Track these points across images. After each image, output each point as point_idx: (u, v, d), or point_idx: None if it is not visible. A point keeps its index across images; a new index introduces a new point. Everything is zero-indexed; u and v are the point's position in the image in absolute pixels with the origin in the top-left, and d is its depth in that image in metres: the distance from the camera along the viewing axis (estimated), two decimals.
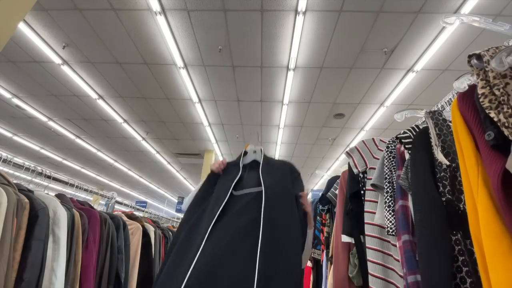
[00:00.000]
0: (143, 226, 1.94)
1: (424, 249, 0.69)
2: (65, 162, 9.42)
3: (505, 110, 0.51)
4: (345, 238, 1.24)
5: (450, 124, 0.82)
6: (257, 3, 3.19)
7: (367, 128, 6.04)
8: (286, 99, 5.08)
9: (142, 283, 1.77)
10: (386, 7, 3.18)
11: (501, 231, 0.49)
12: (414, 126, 0.99)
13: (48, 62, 4.37)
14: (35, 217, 1.08)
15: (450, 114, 0.73)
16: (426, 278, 0.66)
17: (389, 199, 0.94)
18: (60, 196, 1.38)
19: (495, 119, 0.52)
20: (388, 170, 0.98)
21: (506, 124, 0.49)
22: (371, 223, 1.08)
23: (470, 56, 0.60)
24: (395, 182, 0.93)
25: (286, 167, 1.19)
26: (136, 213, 2.25)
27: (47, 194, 1.29)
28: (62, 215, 1.19)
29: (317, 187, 10.41)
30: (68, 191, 1.75)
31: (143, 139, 7.28)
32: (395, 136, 0.99)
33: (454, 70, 4.07)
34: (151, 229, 2.06)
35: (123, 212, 2.03)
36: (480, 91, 0.56)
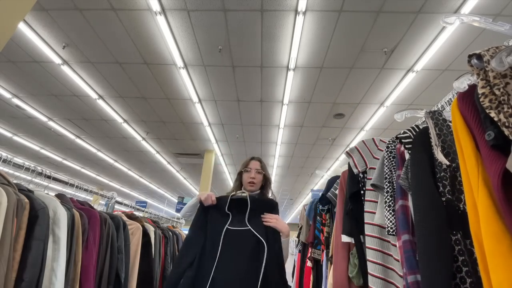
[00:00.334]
0: (143, 226, 1.94)
1: (424, 249, 0.69)
2: (65, 162, 9.42)
3: (505, 110, 0.51)
4: (345, 238, 1.24)
5: (450, 124, 0.82)
6: (257, 3, 3.19)
7: (367, 128, 6.04)
8: (286, 99, 5.08)
9: (142, 283, 1.77)
10: (386, 7, 3.18)
11: (501, 231, 0.49)
12: (414, 126, 0.99)
13: (48, 62, 4.37)
14: (35, 217, 1.08)
15: (450, 114, 0.73)
16: (426, 278, 0.66)
17: (389, 199, 0.94)
18: (60, 196, 1.38)
19: (495, 119, 0.52)
20: (388, 170, 0.97)
21: (507, 124, 0.49)
22: (371, 223, 1.08)
23: (470, 56, 0.60)
24: (395, 182, 0.93)
25: (268, 205, 1.45)
26: (136, 213, 2.25)
27: (47, 194, 1.29)
28: (62, 215, 1.19)
29: (317, 187, 10.42)
30: (68, 191, 1.75)
31: (143, 139, 7.28)
32: (395, 136, 0.99)
33: (454, 70, 4.07)
34: (151, 229, 2.06)
35: (123, 212, 2.03)
36: (480, 91, 0.56)
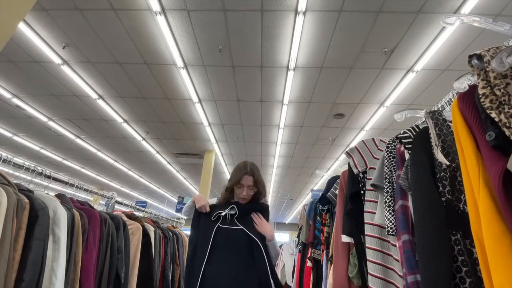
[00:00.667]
0: (143, 226, 1.94)
1: (424, 249, 0.69)
2: (65, 162, 9.42)
3: (506, 110, 0.51)
4: (345, 238, 1.24)
5: (450, 124, 0.82)
6: (257, 3, 3.19)
7: (367, 128, 6.04)
8: (286, 99, 5.08)
9: (142, 283, 1.77)
10: (386, 7, 3.18)
11: (502, 232, 0.49)
12: (414, 126, 0.99)
13: (48, 62, 4.37)
14: (35, 217, 1.08)
15: (450, 114, 0.73)
16: (426, 278, 0.66)
17: (389, 199, 0.94)
18: (60, 196, 1.37)
19: (496, 120, 0.52)
20: (388, 170, 0.97)
21: (507, 125, 0.49)
22: (371, 223, 1.08)
23: (471, 56, 0.60)
24: (395, 182, 0.93)
25: (257, 209, 1.57)
26: (136, 213, 2.25)
27: (47, 194, 1.29)
28: (62, 215, 1.19)
29: (317, 187, 10.42)
30: (68, 191, 1.75)
31: (143, 139, 7.28)
32: (395, 136, 0.99)
33: (454, 70, 4.07)
34: (151, 229, 2.06)
35: (123, 212, 2.03)
36: (480, 92, 0.56)
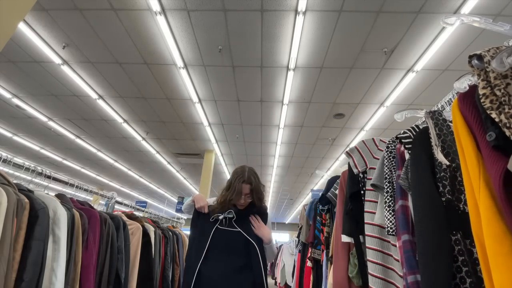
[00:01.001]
0: (143, 226, 1.94)
1: (424, 249, 0.69)
2: (65, 162, 9.42)
3: (506, 110, 0.51)
4: (345, 238, 1.25)
5: (450, 124, 0.82)
6: (257, 3, 3.19)
7: (367, 128, 6.04)
8: (286, 99, 5.08)
9: (142, 283, 1.77)
10: (386, 7, 3.18)
11: (503, 232, 0.49)
12: (414, 126, 0.99)
13: (48, 62, 4.36)
14: (35, 217, 1.08)
15: (450, 114, 0.73)
16: (426, 278, 0.66)
17: (389, 199, 0.94)
18: (60, 196, 1.37)
19: (497, 120, 0.52)
20: (388, 170, 0.97)
21: (508, 125, 0.49)
22: (371, 223, 1.08)
23: (471, 57, 0.60)
24: (395, 182, 0.93)
25: (256, 212, 1.56)
26: (136, 213, 2.25)
27: (47, 194, 1.29)
28: (62, 215, 1.19)
29: (317, 187, 10.42)
30: (68, 191, 1.74)
31: (143, 139, 7.28)
32: (395, 136, 0.99)
33: (454, 70, 4.07)
34: (151, 229, 2.06)
35: (123, 212, 2.03)
36: (481, 92, 0.56)
